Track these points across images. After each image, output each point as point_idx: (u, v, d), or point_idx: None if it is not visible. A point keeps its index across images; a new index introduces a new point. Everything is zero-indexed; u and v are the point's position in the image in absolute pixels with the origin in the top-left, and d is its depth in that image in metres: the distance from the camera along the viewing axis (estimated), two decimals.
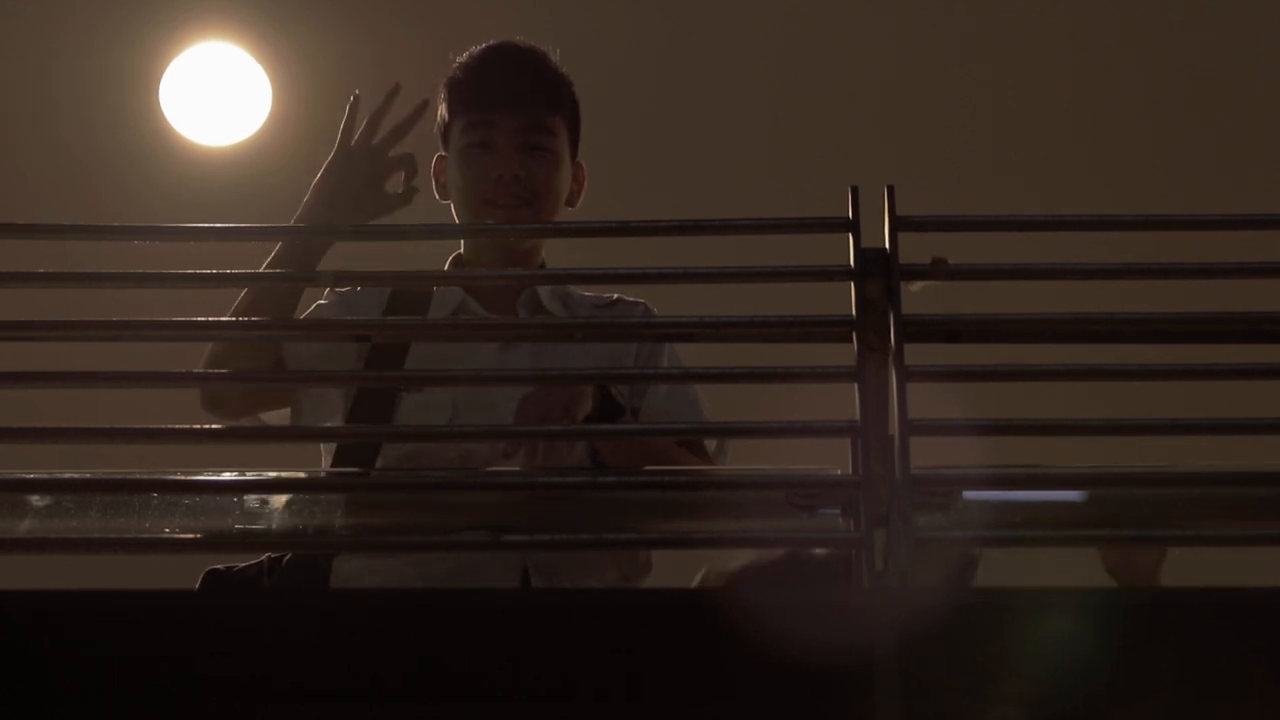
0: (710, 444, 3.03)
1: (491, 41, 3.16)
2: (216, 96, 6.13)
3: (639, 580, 2.97)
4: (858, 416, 2.22)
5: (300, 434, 2.96)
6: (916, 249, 2.31)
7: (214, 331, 2.34)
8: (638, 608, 2.23)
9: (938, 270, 2.29)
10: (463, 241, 3.15)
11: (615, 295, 3.14)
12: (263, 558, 2.89)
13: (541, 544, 2.54)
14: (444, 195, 3.16)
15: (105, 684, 2.08)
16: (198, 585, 2.86)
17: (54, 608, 2.13)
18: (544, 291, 3.11)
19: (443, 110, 3.14)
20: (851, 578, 2.20)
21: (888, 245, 2.28)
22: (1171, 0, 5.90)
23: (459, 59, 3.14)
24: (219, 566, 2.90)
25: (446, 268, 3.13)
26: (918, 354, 2.24)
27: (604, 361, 2.97)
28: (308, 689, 2.09)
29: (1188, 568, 3.07)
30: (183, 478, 2.35)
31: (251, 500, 2.46)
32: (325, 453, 3.00)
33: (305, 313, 3.05)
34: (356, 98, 3.06)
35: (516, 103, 3.07)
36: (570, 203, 3.14)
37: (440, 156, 3.15)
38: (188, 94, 6.11)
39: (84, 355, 2.25)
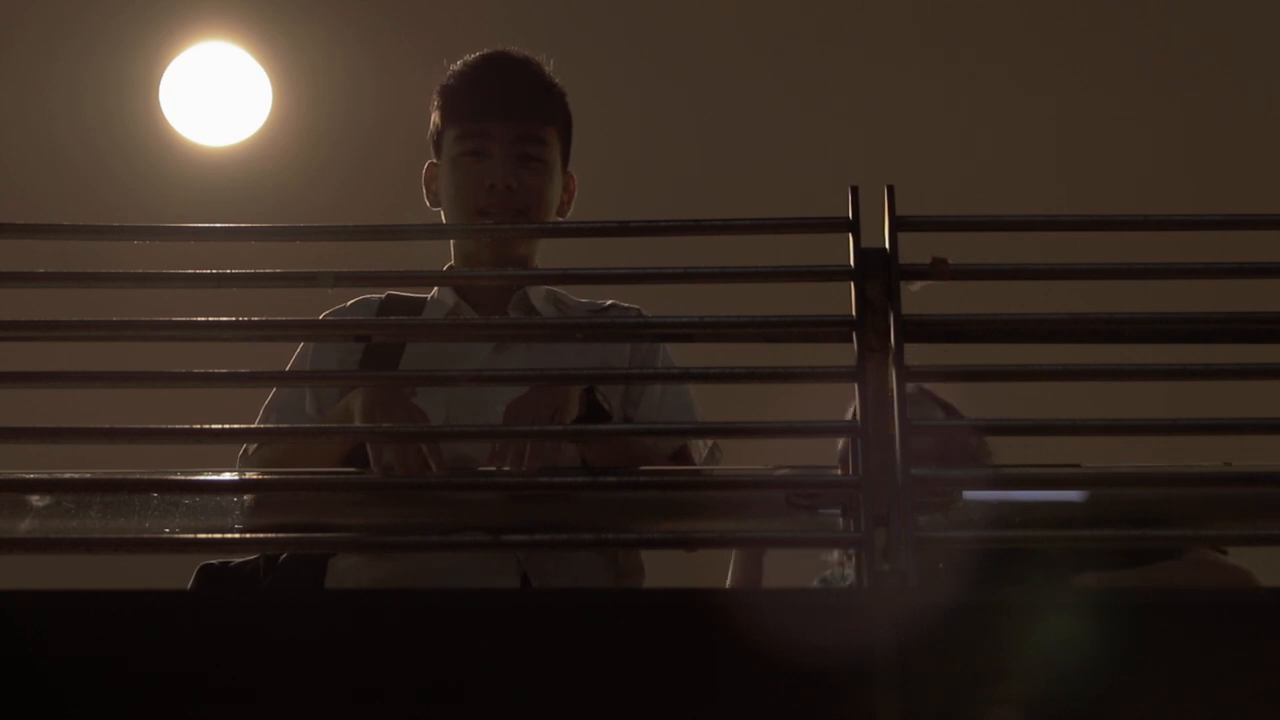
0: (701, 452, 3.01)
1: (486, 50, 3.14)
2: (216, 96, 6.13)
3: (634, 584, 2.96)
4: (857, 417, 2.22)
5: (300, 434, 2.96)
6: (916, 249, 2.31)
7: (213, 332, 2.33)
8: (637, 608, 2.22)
9: (938, 270, 2.29)
10: (454, 251, 3.13)
11: (609, 301, 3.12)
12: (257, 555, 2.89)
13: (541, 544, 2.54)
14: (434, 202, 3.14)
15: (105, 684, 2.08)
16: (191, 580, 2.85)
17: (54, 608, 2.13)
18: (537, 297, 3.09)
19: (436, 117, 3.11)
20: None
21: (888, 245, 2.28)
22: (1173, 6, 5.90)
23: (453, 66, 3.13)
24: (213, 562, 2.89)
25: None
26: (918, 354, 2.24)
27: (597, 366, 2.95)
28: (307, 689, 2.09)
29: None
30: (183, 478, 2.35)
31: (250, 500, 2.46)
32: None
33: (290, 364, 3.04)
34: None
35: (510, 113, 3.05)
36: (560, 212, 3.11)
37: (431, 163, 3.13)
38: (188, 94, 6.11)
39: (84, 355, 2.25)
